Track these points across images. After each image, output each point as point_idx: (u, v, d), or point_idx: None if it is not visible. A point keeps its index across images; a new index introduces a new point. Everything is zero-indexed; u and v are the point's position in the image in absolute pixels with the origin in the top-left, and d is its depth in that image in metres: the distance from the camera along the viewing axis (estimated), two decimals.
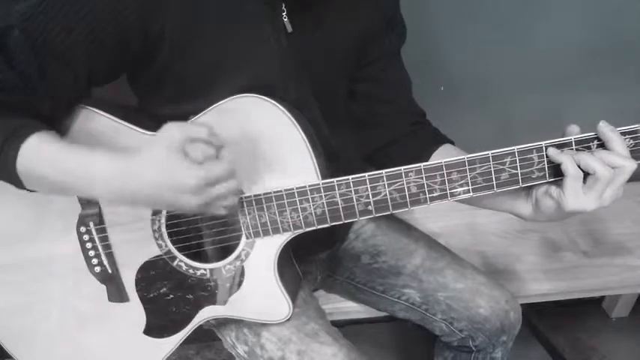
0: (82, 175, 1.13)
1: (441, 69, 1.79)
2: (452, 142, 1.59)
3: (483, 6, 2.07)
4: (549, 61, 2.20)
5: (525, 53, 2.18)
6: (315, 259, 1.72)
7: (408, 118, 1.61)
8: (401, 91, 1.63)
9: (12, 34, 1.12)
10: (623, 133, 1.17)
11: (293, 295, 1.44)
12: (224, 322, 1.55)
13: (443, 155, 1.51)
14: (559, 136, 1.20)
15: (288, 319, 1.45)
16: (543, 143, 1.18)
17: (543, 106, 2.32)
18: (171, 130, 1.12)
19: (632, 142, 1.17)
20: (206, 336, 1.61)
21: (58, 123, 1.27)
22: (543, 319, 2.74)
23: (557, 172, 1.20)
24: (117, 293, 1.42)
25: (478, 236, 2.22)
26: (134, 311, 1.43)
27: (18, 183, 1.17)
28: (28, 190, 1.19)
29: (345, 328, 1.60)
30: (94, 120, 1.29)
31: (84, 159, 1.13)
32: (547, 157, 1.19)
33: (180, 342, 1.47)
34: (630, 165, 1.15)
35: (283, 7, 1.30)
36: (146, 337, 1.46)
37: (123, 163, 1.11)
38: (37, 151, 1.13)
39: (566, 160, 1.16)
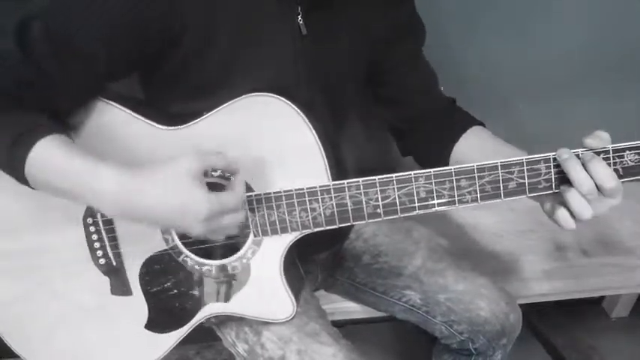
0: (90, 188, 1.16)
1: (442, 69, 1.83)
2: (482, 124, 1.63)
3: (486, 7, 2.10)
4: (552, 62, 2.23)
5: (528, 55, 2.21)
6: (316, 258, 1.77)
7: (436, 114, 1.66)
8: (426, 91, 1.69)
9: (31, 27, 1.14)
10: (630, 148, 1.21)
11: (297, 295, 1.48)
12: (224, 321, 1.59)
13: (473, 140, 1.58)
14: (560, 139, 1.25)
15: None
16: (551, 155, 1.23)
17: (545, 107, 2.35)
18: (191, 157, 1.17)
19: (636, 157, 1.21)
20: (206, 336, 1.63)
21: (71, 116, 1.31)
22: (543, 319, 2.78)
23: (563, 184, 1.24)
24: (120, 286, 1.45)
25: (478, 236, 2.26)
26: (136, 305, 1.47)
27: (26, 184, 1.20)
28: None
29: (345, 328, 1.64)
30: (108, 112, 1.33)
31: (93, 171, 1.16)
32: (555, 167, 1.24)
33: (182, 338, 1.49)
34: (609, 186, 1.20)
35: (299, 10, 1.34)
36: (147, 331, 1.49)
37: (134, 180, 1.16)
38: (45, 159, 1.16)
39: (572, 170, 1.20)
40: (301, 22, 1.36)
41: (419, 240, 1.84)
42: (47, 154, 1.17)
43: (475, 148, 1.55)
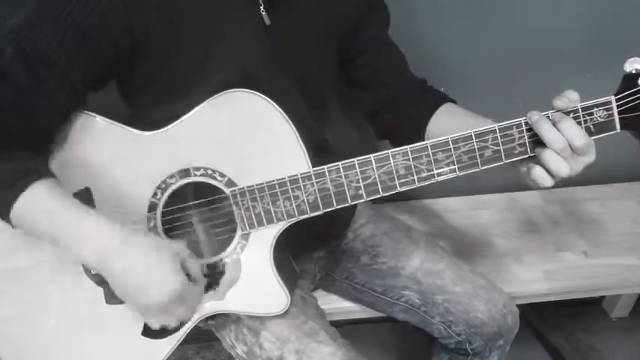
0: (74, 238, 1.21)
1: (441, 69, 1.84)
2: (454, 101, 1.64)
3: (484, 5, 2.11)
4: (550, 51, 2.23)
5: (526, 46, 2.21)
6: (312, 257, 1.76)
7: (408, 94, 1.66)
8: (398, 70, 1.69)
9: (6, 52, 1.20)
10: (598, 105, 1.23)
11: (290, 288, 1.47)
12: (223, 323, 1.58)
13: (446, 117, 1.59)
14: None
15: (286, 319, 1.49)
16: (522, 119, 1.25)
17: (542, 101, 2.30)
18: (183, 246, 1.30)
19: (605, 112, 1.23)
20: (206, 336, 1.64)
21: (55, 131, 1.32)
22: (543, 319, 2.76)
23: (537, 147, 1.25)
24: (114, 295, 1.37)
25: (478, 236, 2.25)
26: (132, 313, 1.43)
27: (8, 223, 1.23)
28: None
29: (344, 328, 1.63)
30: (92, 123, 1.34)
31: (81, 222, 1.20)
32: (527, 131, 1.25)
33: (180, 341, 1.48)
34: (579, 142, 1.21)
35: (260, 1, 1.36)
36: (144, 338, 1.46)
37: (124, 237, 1.21)
38: (31, 209, 1.19)
39: (544, 130, 1.22)
40: (264, 13, 1.37)
41: (418, 240, 1.83)
42: (36, 200, 1.20)
43: (449, 123, 1.55)
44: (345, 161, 1.31)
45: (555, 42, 2.23)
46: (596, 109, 1.23)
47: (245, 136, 1.33)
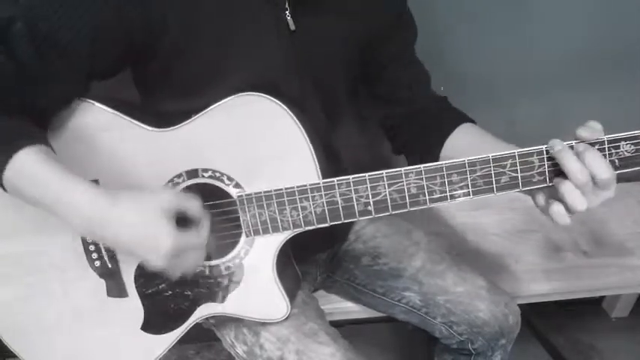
0: (65, 206, 1.15)
1: (442, 69, 1.78)
2: (473, 121, 1.58)
3: (484, 6, 2.07)
4: (552, 61, 2.19)
5: (528, 54, 2.17)
6: (314, 259, 1.73)
7: (428, 111, 1.62)
8: (420, 87, 1.65)
9: (15, 26, 1.14)
10: (625, 139, 1.15)
11: (292, 295, 1.44)
12: (223, 322, 1.56)
13: (463, 136, 1.53)
14: (561, 137, 1.19)
15: (287, 319, 1.46)
16: (544, 147, 1.18)
17: (545, 107, 2.31)
18: (167, 194, 1.21)
19: (632, 147, 1.15)
20: (206, 336, 1.62)
21: (55, 116, 1.28)
22: (543, 319, 2.75)
23: (556, 177, 1.18)
24: (116, 288, 1.41)
25: (478, 236, 2.22)
26: (132, 307, 1.43)
27: (1, 187, 1.18)
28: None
29: (345, 328, 1.61)
30: (93, 112, 1.30)
31: (71, 191, 1.15)
32: (548, 160, 1.18)
33: (178, 339, 1.46)
34: (604, 177, 1.13)
35: (286, 6, 1.31)
36: (143, 333, 1.45)
37: (106, 206, 1.14)
38: (25, 169, 1.14)
39: (567, 161, 1.14)
40: (289, 18, 1.32)
41: (419, 241, 1.79)
42: (28, 164, 1.15)
43: (466, 144, 1.51)
44: (356, 175, 1.26)
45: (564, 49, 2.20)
46: (623, 142, 1.15)
47: (256, 141, 1.29)
